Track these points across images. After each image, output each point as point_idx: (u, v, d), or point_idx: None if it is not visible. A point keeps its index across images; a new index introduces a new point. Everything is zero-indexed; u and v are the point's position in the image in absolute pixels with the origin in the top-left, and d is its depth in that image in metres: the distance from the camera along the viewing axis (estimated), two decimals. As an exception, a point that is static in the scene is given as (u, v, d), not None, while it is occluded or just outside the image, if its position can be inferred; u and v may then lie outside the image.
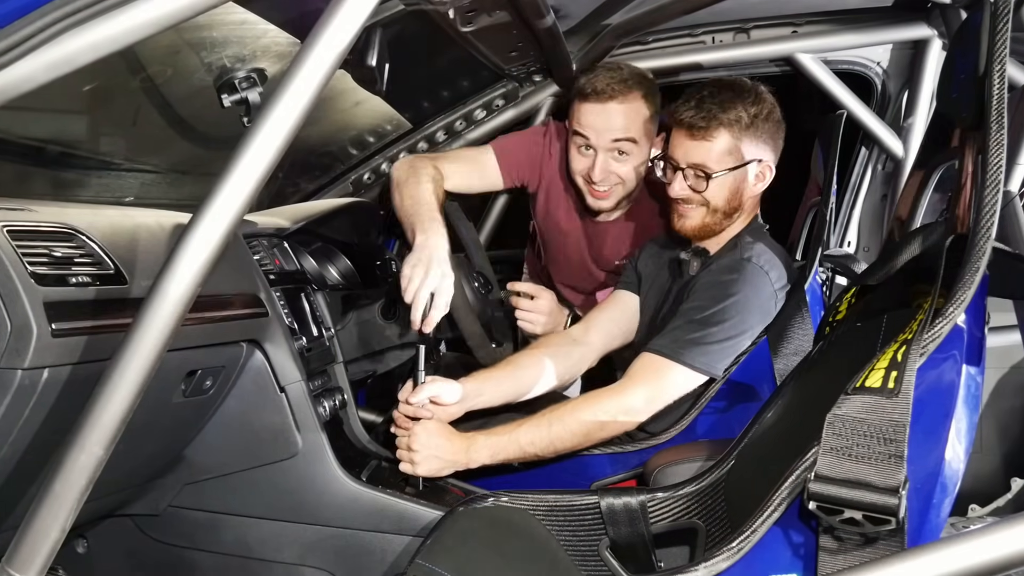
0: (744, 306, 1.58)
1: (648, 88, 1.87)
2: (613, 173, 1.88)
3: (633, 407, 1.57)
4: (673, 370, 1.58)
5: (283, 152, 0.92)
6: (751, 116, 1.63)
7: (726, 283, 1.61)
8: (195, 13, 1.01)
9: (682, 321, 1.61)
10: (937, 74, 2.17)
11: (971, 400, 0.96)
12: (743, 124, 1.62)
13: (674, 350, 1.58)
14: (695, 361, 1.57)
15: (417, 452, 1.54)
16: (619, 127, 1.84)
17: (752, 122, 1.63)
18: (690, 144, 1.63)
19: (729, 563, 1.01)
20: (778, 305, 1.61)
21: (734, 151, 1.63)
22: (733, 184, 1.65)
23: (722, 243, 1.72)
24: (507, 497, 1.31)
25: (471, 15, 1.68)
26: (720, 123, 1.61)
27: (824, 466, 0.93)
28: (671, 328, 1.61)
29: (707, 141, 1.62)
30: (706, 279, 1.65)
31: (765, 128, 1.65)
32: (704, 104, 1.62)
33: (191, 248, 0.90)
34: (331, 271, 1.91)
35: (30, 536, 0.92)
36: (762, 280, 1.61)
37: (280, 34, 1.55)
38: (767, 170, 1.68)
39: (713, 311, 1.58)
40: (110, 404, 0.90)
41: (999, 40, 1.04)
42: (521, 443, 1.56)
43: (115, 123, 1.72)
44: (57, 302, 1.02)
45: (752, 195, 1.69)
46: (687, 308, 1.62)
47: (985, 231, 0.97)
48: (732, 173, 1.63)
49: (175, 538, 1.51)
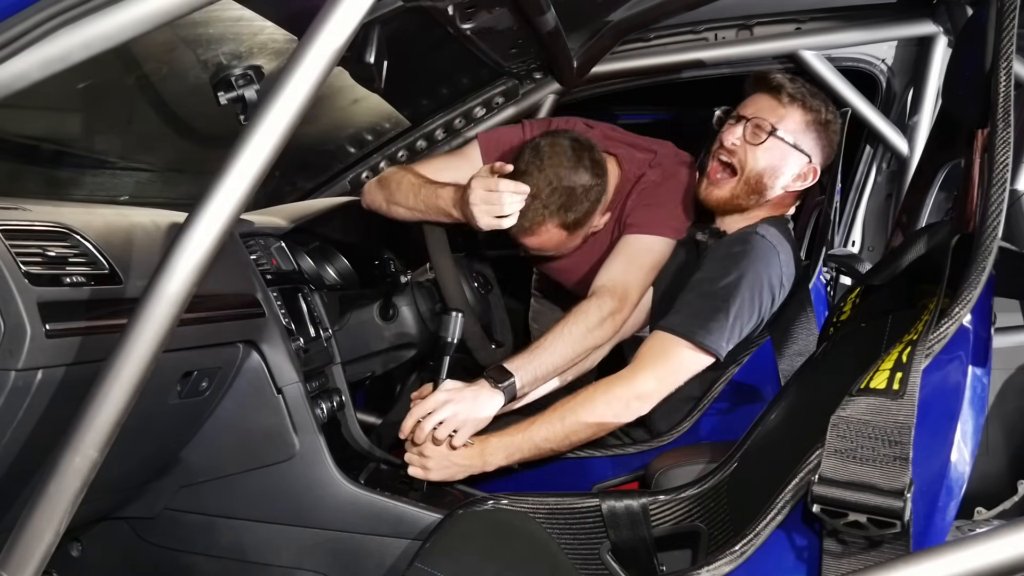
0: (755, 279, 1.56)
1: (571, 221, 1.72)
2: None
3: (644, 391, 1.54)
4: (681, 348, 1.54)
5: (280, 150, 0.91)
6: (825, 120, 1.67)
7: (736, 255, 1.59)
8: (191, 9, 1.00)
9: (692, 296, 1.58)
10: (943, 71, 2.16)
11: (977, 401, 0.96)
12: (819, 120, 1.66)
13: (682, 327, 1.55)
14: (704, 339, 1.53)
15: (430, 458, 1.51)
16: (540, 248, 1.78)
17: (825, 126, 1.67)
18: (767, 102, 1.67)
19: (732, 567, 1.00)
20: (783, 288, 1.59)
21: (798, 133, 1.66)
22: (777, 161, 1.65)
23: (739, 226, 1.70)
24: (507, 500, 1.31)
25: (471, 12, 1.67)
26: (802, 104, 1.66)
27: (828, 468, 0.92)
28: (680, 304, 1.59)
29: (783, 107, 1.65)
30: (715, 251, 1.64)
31: (829, 139, 1.69)
32: (797, 81, 1.68)
33: (187, 248, 0.90)
34: (329, 271, 1.90)
35: (24, 539, 0.91)
36: (772, 257, 1.59)
37: (277, 31, 1.54)
38: (811, 173, 1.69)
39: (723, 284, 1.56)
40: (105, 405, 0.89)
41: (1005, 37, 1.03)
42: (536, 440, 1.53)
43: (110, 121, 1.71)
44: (51, 302, 1.01)
45: (786, 187, 1.68)
46: (697, 280, 1.60)
47: (991, 230, 0.96)
48: (785, 147, 1.65)
49: (170, 541, 1.50)
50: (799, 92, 1.67)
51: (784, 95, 1.66)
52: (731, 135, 1.67)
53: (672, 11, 2.07)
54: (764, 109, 1.67)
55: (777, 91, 1.66)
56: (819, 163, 1.68)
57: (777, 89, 1.66)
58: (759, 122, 1.65)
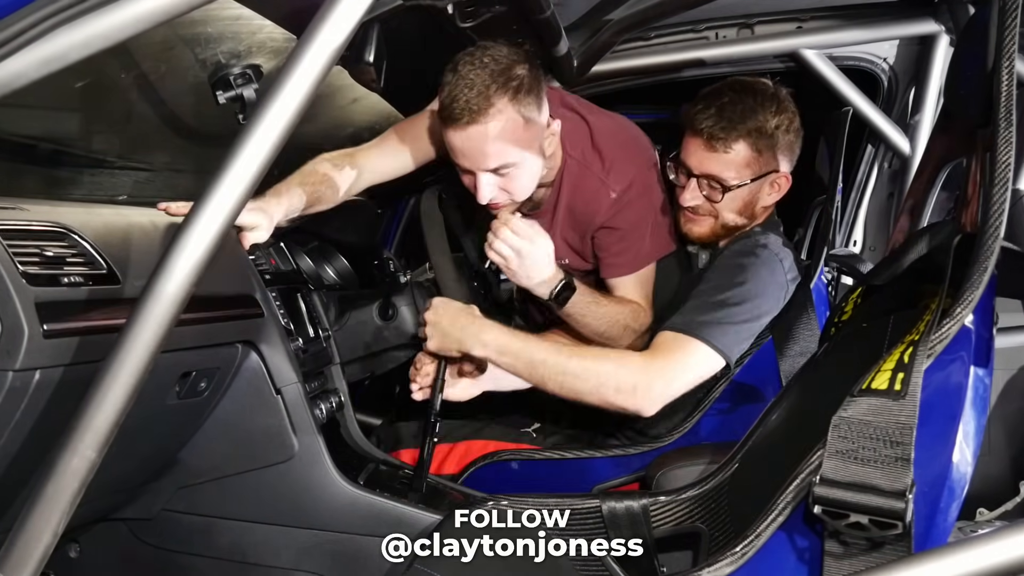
0: (761, 290, 1.55)
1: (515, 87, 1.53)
2: (501, 191, 1.62)
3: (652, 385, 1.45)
4: (693, 347, 1.49)
5: (279, 150, 0.91)
6: (773, 127, 1.57)
7: (743, 266, 1.58)
8: (189, 8, 1.00)
9: (698, 301, 1.55)
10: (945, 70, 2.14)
11: (979, 402, 0.95)
12: (764, 135, 1.56)
13: (692, 327, 1.50)
14: (715, 339, 1.49)
15: (431, 324, 1.50)
16: (492, 154, 1.55)
17: (773, 133, 1.57)
18: (706, 154, 1.58)
19: (733, 568, 1.00)
20: (787, 295, 1.59)
21: (752, 163, 1.58)
22: (748, 197, 1.62)
23: (733, 239, 1.69)
24: (507, 500, 1.30)
25: (470, 10, 1.66)
26: (739, 134, 1.55)
27: (829, 469, 0.92)
28: (687, 308, 1.56)
29: (726, 153, 1.56)
30: (721, 262, 1.63)
31: (786, 139, 1.60)
32: (724, 112, 1.55)
33: (185, 247, 0.89)
34: (328, 271, 1.89)
35: (21, 540, 0.90)
36: (777, 266, 1.59)
37: (276, 30, 1.54)
38: (783, 180, 1.64)
39: (730, 292, 1.54)
40: (103, 406, 0.89)
41: (1007, 36, 1.03)
42: (533, 356, 1.45)
43: (108, 120, 1.71)
44: (49, 302, 1.00)
45: (765, 205, 1.66)
46: (703, 289, 1.58)
47: (993, 230, 0.96)
48: (748, 186, 1.60)
49: (169, 542, 1.49)
50: (731, 122, 1.55)
51: (718, 143, 1.56)
52: (690, 196, 1.61)
53: (673, 9, 2.06)
54: (709, 162, 1.58)
55: (710, 139, 1.56)
56: (787, 165, 1.64)
57: (710, 136, 1.56)
58: (711, 182, 1.59)
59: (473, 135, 1.52)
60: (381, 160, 1.78)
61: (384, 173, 1.79)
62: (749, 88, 1.60)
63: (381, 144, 1.81)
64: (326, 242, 1.92)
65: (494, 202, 1.62)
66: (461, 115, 1.50)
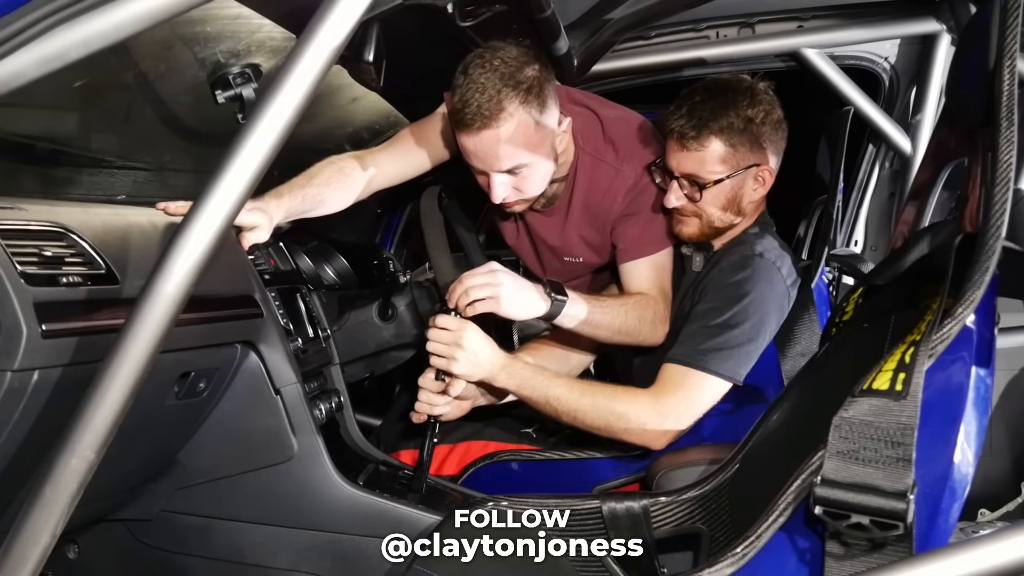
0: (760, 305, 1.55)
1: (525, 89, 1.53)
2: (514, 190, 1.65)
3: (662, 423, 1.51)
4: (700, 379, 1.53)
5: (278, 149, 0.90)
6: (745, 120, 1.57)
7: (740, 282, 1.58)
8: (188, 7, 0.99)
9: (699, 326, 1.57)
10: (946, 70, 2.15)
11: (981, 402, 0.95)
12: (736, 129, 1.57)
13: (696, 359, 1.54)
14: (720, 368, 1.53)
15: (462, 349, 1.50)
16: (504, 156, 1.57)
17: (746, 126, 1.57)
18: (682, 154, 1.60)
19: (733, 569, 0.99)
20: (790, 302, 1.59)
21: (728, 158, 1.59)
22: (730, 192, 1.62)
23: (726, 239, 1.69)
24: (507, 501, 1.30)
25: (470, 9, 1.66)
26: (711, 131, 1.56)
27: (830, 470, 0.92)
28: (689, 335, 1.58)
29: (699, 151, 1.58)
30: (718, 279, 1.62)
31: (762, 131, 1.59)
32: (695, 111, 1.57)
33: (184, 247, 0.89)
34: (327, 271, 1.89)
35: (20, 541, 0.90)
36: (775, 276, 1.58)
37: (275, 29, 1.54)
38: (767, 174, 1.63)
39: (730, 314, 1.55)
40: (102, 407, 0.89)
41: (1009, 35, 1.03)
42: (549, 393, 1.54)
43: (107, 120, 1.70)
44: (47, 302, 1.00)
45: (752, 200, 1.66)
46: (702, 311, 1.59)
47: (995, 230, 0.95)
48: (728, 181, 1.60)
49: (168, 543, 1.49)
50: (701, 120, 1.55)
51: (690, 141, 1.57)
52: (673, 197, 1.62)
53: (673, 9, 2.06)
54: (685, 162, 1.59)
55: (682, 138, 1.57)
56: (770, 157, 1.63)
57: (681, 136, 1.57)
58: (691, 181, 1.60)
59: (485, 139, 1.54)
60: (393, 163, 1.79)
61: (396, 176, 1.80)
62: (723, 86, 1.62)
63: (393, 146, 1.82)
64: (325, 242, 1.92)
65: (507, 201, 1.66)
66: (473, 120, 1.52)
